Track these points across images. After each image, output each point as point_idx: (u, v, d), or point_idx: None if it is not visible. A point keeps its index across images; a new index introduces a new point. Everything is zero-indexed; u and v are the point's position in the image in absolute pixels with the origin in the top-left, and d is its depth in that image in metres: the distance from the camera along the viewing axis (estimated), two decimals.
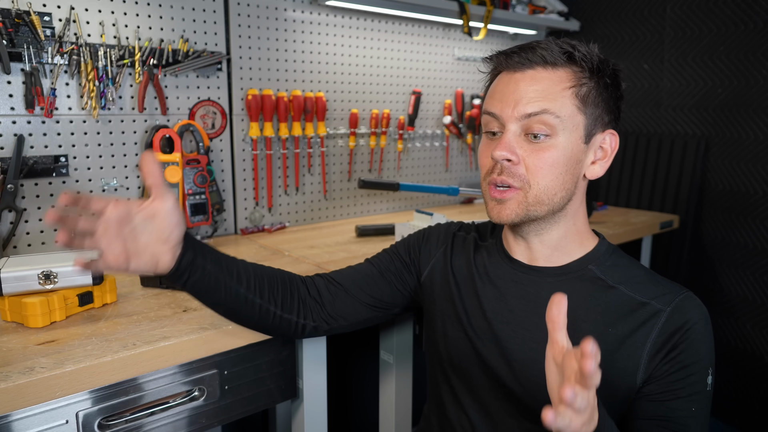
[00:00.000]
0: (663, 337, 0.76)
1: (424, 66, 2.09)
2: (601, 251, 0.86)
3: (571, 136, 0.78)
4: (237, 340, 0.98)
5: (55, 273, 0.96)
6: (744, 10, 1.88)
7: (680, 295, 0.78)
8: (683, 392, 0.75)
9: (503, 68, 0.81)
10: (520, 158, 0.78)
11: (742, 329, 1.98)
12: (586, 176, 0.83)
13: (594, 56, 0.79)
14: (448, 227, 1.01)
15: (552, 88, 0.77)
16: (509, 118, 0.78)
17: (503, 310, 0.86)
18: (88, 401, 0.86)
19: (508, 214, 0.80)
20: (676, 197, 2.11)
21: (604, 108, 0.80)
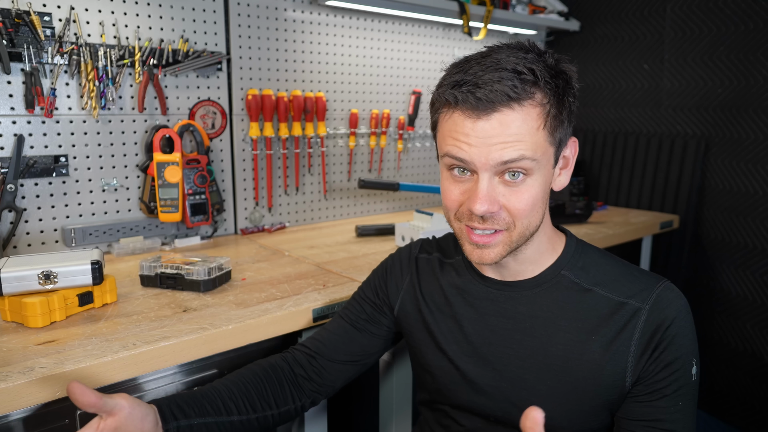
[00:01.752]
0: (646, 337, 0.75)
1: (424, 66, 2.09)
2: (570, 252, 0.83)
3: (544, 169, 0.74)
4: (237, 340, 0.98)
5: (55, 273, 0.96)
6: (744, 10, 1.88)
7: (657, 289, 0.76)
8: (669, 389, 0.74)
9: (460, 107, 0.72)
10: (500, 205, 0.73)
11: (742, 329, 1.98)
12: (554, 189, 0.80)
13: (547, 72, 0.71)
14: (409, 251, 0.97)
15: (525, 129, 0.70)
16: (483, 166, 0.71)
17: (484, 331, 0.84)
18: None
19: (493, 258, 0.76)
20: (676, 197, 2.11)
21: (567, 124, 0.76)
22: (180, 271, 1.14)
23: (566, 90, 0.74)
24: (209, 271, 1.14)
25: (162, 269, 1.15)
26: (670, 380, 0.74)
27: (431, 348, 0.89)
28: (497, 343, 0.82)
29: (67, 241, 1.39)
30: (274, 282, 1.21)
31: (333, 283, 1.21)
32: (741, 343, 1.99)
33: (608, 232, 1.76)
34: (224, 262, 1.19)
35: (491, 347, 0.83)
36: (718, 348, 2.05)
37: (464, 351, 0.85)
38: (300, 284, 1.20)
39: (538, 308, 0.81)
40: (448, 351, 0.86)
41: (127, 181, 1.48)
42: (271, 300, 1.10)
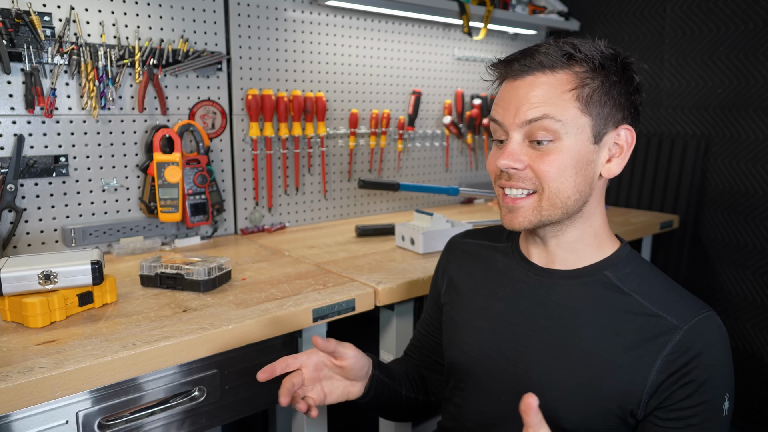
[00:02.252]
0: (675, 356, 0.72)
1: (424, 66, 2.09)
2: (621, 257, 0.83)
3: (577, 139, 0.76)
4: (237, 340, 0.98)
5: (55, 273, 0.96)
6: (744, 10, 1.88)
7: (700, 315, 0.75)
8: (695, 419, 0.72)
9: (505, 76, 0.81)
10: (525, 164, 0.77)
11: (742, 329, 1.98)
12: (602, 175, 0.80)
13: (597, 54, 0.77)
14: (453, 241, 1.03)
15: (551, 92, 0.76)
16: (511, 126, 0.78)
17: (513, 312, 0.86)
18: (88, 401, 0.86)
19: (520, 222, 0.79)
20: (676, 197, 2.11)
21: (612, 105, 0.77)
22: (180, 271, 1.14)
23: (612, 70, 0.78)
24: (209, 271, 1.14)
25: (162, 269, 1.15)
26: (698, 410, 0.72)
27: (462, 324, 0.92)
28: (522, 325, 0.84)
29: (67, 241, 1.39)
30: (274, 282, 1.21)
31: (333, 283, 1.21)
32: (741, 343, 1.99)
33: None
34: (224, 262, 1.19)
35: (516, 327, 0.85)
36: None
37: (490, 328, 0.87)
38: (300, 284, 1.20)
39: (570, 299, 0.81)
40: (476, 327, 0.89)
41: (127, 181, 1.48)
42: (271, 300, 1.09)
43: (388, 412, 1.00)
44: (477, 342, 0.88)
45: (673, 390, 0.72)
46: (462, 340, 0.90)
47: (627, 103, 0.79)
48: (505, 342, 0.85)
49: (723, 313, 2.03)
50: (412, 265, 1.35)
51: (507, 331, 0.85)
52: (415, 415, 1.03)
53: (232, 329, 0.97)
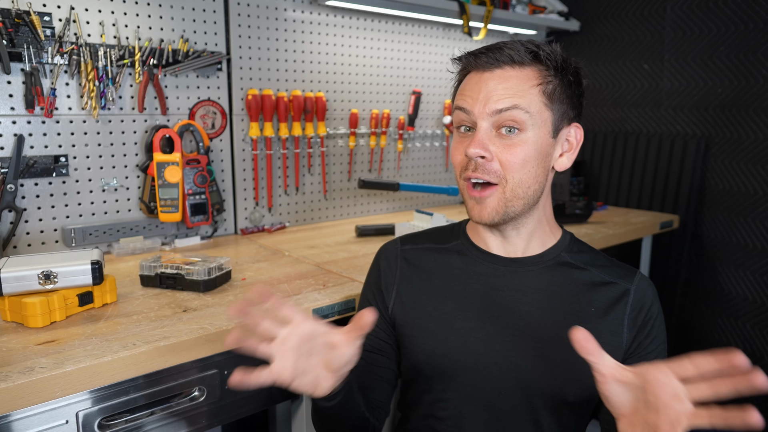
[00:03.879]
0: (635, 312, 0.85)
1: (424, 66, 2.09)
2: (567, 240, 0.92)
3: (540, 131, 0.81)
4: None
5: (55, 273, 0.96)
6: (744, 10, 1.88)
7: (637, 275, 0.88)
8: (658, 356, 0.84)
9: (472, 68, 0.85)
10: (493, 155, 0.81)
11: (742, 329, 1.98)
12: (554, 168, 0.87)
13: (558, 55, 0.82)
14: (392, 248, 0.98)
15: (520, 85, 0.80)
16: (480, 115, 0.81)
17: (491, 305, 0.87)
18: (88, 401, 0.86)
19: (489, 213, 0.83)
20: (676, 197, 2.11)
21: (568, 104, 0.84)
22: (180, 271, 1.14)
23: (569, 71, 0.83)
24: (209, 271, 1.14)
25: (162, 269, 1.15)
26: (657, 352, 0.84)
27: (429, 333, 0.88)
28: (505, 316, 0.86)
29: (67, 241, 1.39)
30: (274, 282, 1.21)
31: (333, 283, 1.21)
32: (741, 343, 1.99)
33: (608, 232, 1.76)
34: (224, 262, 1.19)
35: (500, 320, 0.86)
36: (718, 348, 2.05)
37: (473, 327, 0.87)
38: (300, 284, 1.20)
39: (543, 282, 0.87)
40: (456, 329, 0.87)
41: (127, 181, 1.48)
42: None
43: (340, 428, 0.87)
44: (462, 344, 0.86)
45: (640, 341, 0.84)
46: (444, 346, 0.87)
47: (578, 103, 0.86)
48: (492, 336, 0.85)
49: (723, 313, 2.04)
50: None
51: (491, 326, 0.86)
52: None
53: (232, 329, 0.96)
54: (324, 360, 0.75)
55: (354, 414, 0.85)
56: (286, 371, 0.72)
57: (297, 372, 0.73)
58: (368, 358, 0.94)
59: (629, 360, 0.84)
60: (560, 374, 0.82)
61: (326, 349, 0.74)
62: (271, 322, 0.72)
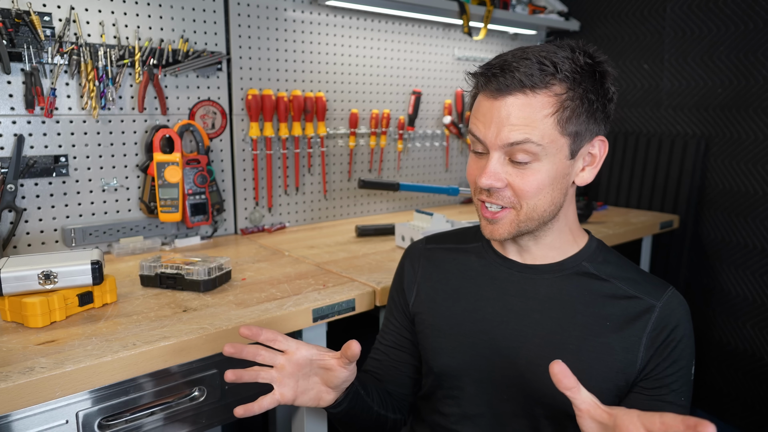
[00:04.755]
0: (657, 332, 0.80)
1: (424, 66, 2.09)
2: (592, 248, 0.89)
3: (554, 158, 0.78)
4: (237, 340, 0.98)
5: (55, 273, 0.96)
6: (744, 10, 1.88)
7: (667, 292, 0.82)
8: (675, 385, 0.79)
9: (482, 90, 0.80)
10: (505, 182, 0.79)
11: (742, 329, 1.98)
12: (575, 183, 0.84)
13: (578, 69, 0.76)
14: (417, 247, 1.01)
15: (532, 115, 0.75)
16: (492, 145, 0.78)
17: (502, 310, 0.87)
18: (88, 401, 0.86)
19: (500, 233, 0.83)
20: (676, 197, 2.11)
21: (589, 121, 0.79)
22: (180, 271, 1.14)
23: (590, 87, 0.78)
24: (209, 271, 1.14)
25: (162, 269, 1.15)
26: (676, 377, 0.79)
27: (441, 331, 0.91)
28: (514, 322, 0.85)
29: (67, 241, 1.39)
30: (274, 282, 1.21)
31: (333, 283, 1.21)
32: (741, 343, 1.99)
33: (608, 232, 1.76)
34: (224, 262, 1.19)
35: (508, 325, 0.86)
36: (718, 348, 2.05)
37: (481, 330, 0.87)
38: (300, 284, 1.20)
39: (557, 291, 0.85)
40: (465, 331, 0.89)
41: (127, 181, 1.48)
42: (271, 300, 1.10)
43: (355, 426, 0.93)
44: (469, 345, 0.87)
45: (658, 362, 0.79)
46: (451, 346, 0.89)
47: (602, 116, 0.81)
48: (500, 341, 0.85)
49: (723, 313, 2.04)
50: None
51: (500, 330, 0.86)
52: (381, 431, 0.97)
53: (232, 329, 0.97)
54: (323, 379, 0.83)
55: (365, 415, 0.91)
56: (288, 395, 0.81)
57: (298, 392, 0.82)
58: (390, 353, 1.00)
59: (644, 381, 0.80)
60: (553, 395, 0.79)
61: (323, 371, 0.82)
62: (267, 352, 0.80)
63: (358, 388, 0.88)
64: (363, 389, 0.90)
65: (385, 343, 1.01)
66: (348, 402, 0.86)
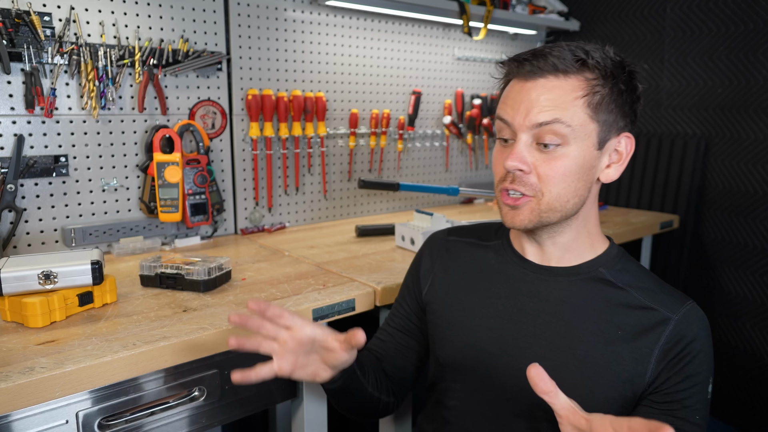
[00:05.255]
0: (670, 345, 0.77)
1: (424, 66, 2.09)
2: (611, 255, 0.86)
3: (583, 144, 0.78)
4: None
5: (55, 273, 0.96)
6: (744, 10, 1.88)
7: (686, 305, 0.80)
8: (689, 401, 0.76)
9: (515, 75, 0.81)
10: (531, 167, 0.78)
11: (742, 329, 1.98)
12: (600, 180, 0.83)
13: (608, 61, 0.78)
14: (439, 238, 1.02)
15: (563, 97, 0.76)
16: (520, 127, 0.78)
17: (512, 309, 0.86)
18: (88, 401, 0.86)
19: (521, 220, 0.81)
20: (676, 197, 2.11)
21: (618, 113, 0.79)
22: (180, 271, 1.14)
23: (621, 79, 0.78)
24: (209, 271, 1.14)
25: (162, 269, 1.15)
26: (690, 392, 0.77)
27: (451, 323, 0.91)
28: (523, 322, 0.85)
29: (67, 241, 1.39)
30: (274, 282, 1.21)
31: (333, 283, 1.21)
32: (741, 343, 1.99)
33: (608, 232, 1.77)
34: (224, 262, 1.19)
35: (517, 325, 0.85)
36: (718, 348, 2.05)
37: (489, 326, 0.87)
38: (300, 284, 1.20)
39: (570, 295, 0.84)
40: (473, 325, 0.89)
41: (127, 181, 1.48)
42: (271, 300, 1.09)
43: (346, 403, 0.95)
44: (476, 340, 0.88)
45: (669, 376, 0.77)
46: (459, 339, 0.90)
47: (630, 111, 0.82)
48: (507, 339, 0.85)
49: (723, 313, 2.03)
50: None
51: (508, 329, 0.86)
52: (371, 414, 1.00)
53: (232, 329, 0.97)
54: (322, 358, 0.83)
55: (359, 394, 0.92)
56: (286, 368, 0.81)
57: (296, 367, 0.82)
58: (396, 336, 1.01)
59: (655, 395, 0.78)
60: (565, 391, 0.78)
61: (324, 351, 0.82)
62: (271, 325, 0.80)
63: (356, 368, 0.89)
64: (360, 370, 0.91)
65: (393, 325, 1.03)
66: (343, 381, 0.87)
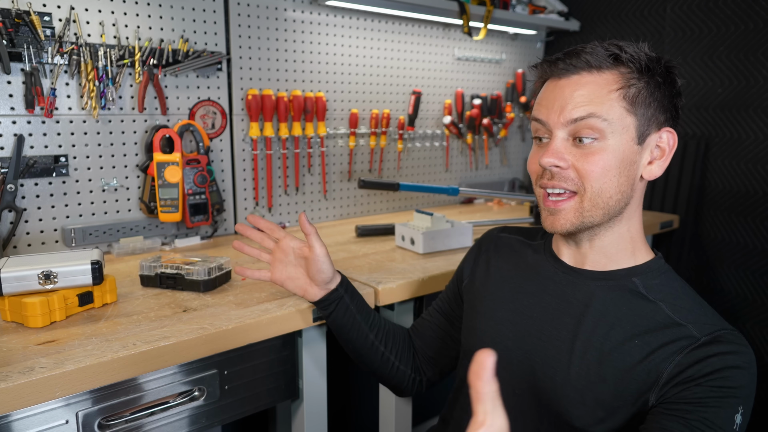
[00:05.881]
0: (689, 359, 0.71)
1: (424, 66, 2.09)
2: (652, 267, 0.82)
3: (621, 139, 0.76)
4: (237, 340, 0.98)
5: (55, 273, 0.96)
6: (744, 10, 1.88)
7: (722, 330, 0.74)
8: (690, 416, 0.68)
9: (549, 76, 0.81)
10: (569, 163, 0.77)
11: (742, 329, 1.98)
12: (644, 177, 0.81)
13: (642, 55, 0.77)
14: (492, 234, 1.04)
15: (598, 91, 0.76)
16: (556, 125, 0.78)
17: (536, 306, 0.87)
18: (88, 401, 0.86)
19: (562, 224, 0.80)
20: (676, 197, 2.11)
21: (657, 107, 0.78)
22: (180, 271, 1.14)
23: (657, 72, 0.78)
24: (209, 271, 1.14)
25: (162, 269, 1.15)
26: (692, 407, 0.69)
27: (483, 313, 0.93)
28: (544, 320, 0.85)
29: (67, 241, 1.39)
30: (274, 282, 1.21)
31: None
32: None
33: None
34: (224, 262, 1.19)
35: (537, 322, 0.85)
36: None
37: (511, 320, 0.88)
38: None
39: (594, 299, 0.81)
40: (497, 317, 0.90)
41: (127, 181, 1.48)
42: (271, 300, 1.10)
43: (349, 343, 1.02)
44: (496, 332, 0.89)
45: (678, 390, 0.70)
46: (482, 329, 0.92)
47: (670, 105, 0.80)
48: (524, 335, 0.86)
49: (723, 314, 2.02)
50: (412, 265, 1.35)
51: (527, 325, 0.86)
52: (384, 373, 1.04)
53: (232, 329, 0.97)
54: (304, 273, 0.99)
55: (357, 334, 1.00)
56: (277, 275, 1.00)
57: (285, 277, 1.00)
58: (434, 316, 1.07)
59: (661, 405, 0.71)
60: (570, 395, 0.78)
61: (304, 261, 0.98)
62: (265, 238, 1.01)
63: (350, 304, 0.99)
64: (360, 312, 1.00)
65: (435, 307, 1.08)
66: (334, 310, 0.98)
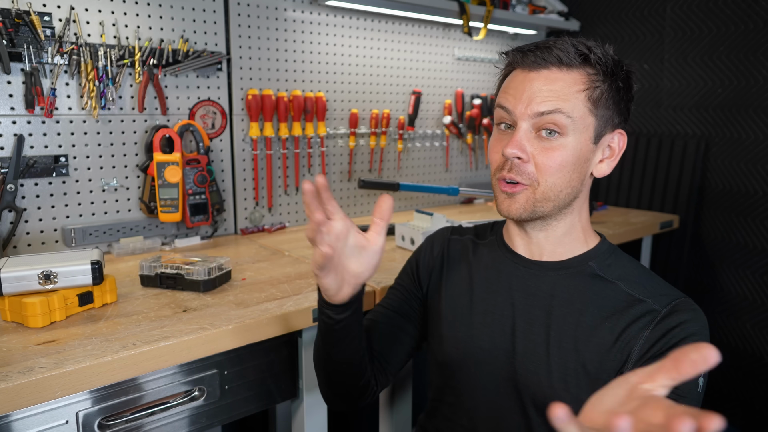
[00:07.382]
0: (656, 334, 0.76)
1: (424, 66, 2.09)
2: (602, 250, 0.88)
3: (580, 137, 0.79)
4: (237, 340, 0.98)
5: (55, 273, 0.96)
6: (744, 10, 1.88)
7: (677, 300, 0.79)
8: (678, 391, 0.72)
9: (518, 65, 0.82)
10: (530, 156, 0.80)
11: (742, 329, 1.98)
12: (593, 174, 0.85)
13: (609, 59, 0.80)
14: (442, 234, 1.02)
15: (566, 89, 0.78)
16: (521, 116, 0.79)
17: (504, 304, 0.88)
18: (88, 401, 0.86)
19: (516, 209, 0.82)
20: (676, 197, 2.11)
21: (614, 110, 0.82)
22: (180, 271, 1.14)
23: (620, 76, 0.81)
24: (209, 271, 1.14)
25: (162, 269, 1.15)
26: None
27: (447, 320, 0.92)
28: (514, 317, 0.86)
29: (67, 241, 1.39)
30: (274, 282, 1.21)
31: None
32: (741, 343, 1.99)
33: (608, 232, 1.76)
34: (224, 262, 1.19)
35: (508, 320, 0.86)
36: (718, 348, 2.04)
37: (483, 322, 0.88)
38: (300, 284, 1.20)
39: (558, 289, 0.85)
40: (467, 322, 0.90)
41: (127, 181, 1.48)
42: (271, 300, 1.10)
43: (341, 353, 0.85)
44: (470, 336, 0.89)
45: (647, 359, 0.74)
46: (453, 335, 0.91)
47: (624, 109, 0.84)
48: (499, 335, 0.86)
49: (723, 313, 2.03)
50: None
51: (500, 324, 0.87)
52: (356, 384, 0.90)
53: (232, 329, 0.97)
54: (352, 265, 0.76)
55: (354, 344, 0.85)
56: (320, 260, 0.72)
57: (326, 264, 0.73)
58: (392, 317, 0.98)
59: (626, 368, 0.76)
60: (555, 385, 0.80)
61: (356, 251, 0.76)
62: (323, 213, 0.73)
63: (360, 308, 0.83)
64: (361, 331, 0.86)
65: (388, 307, 0.98)
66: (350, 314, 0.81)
